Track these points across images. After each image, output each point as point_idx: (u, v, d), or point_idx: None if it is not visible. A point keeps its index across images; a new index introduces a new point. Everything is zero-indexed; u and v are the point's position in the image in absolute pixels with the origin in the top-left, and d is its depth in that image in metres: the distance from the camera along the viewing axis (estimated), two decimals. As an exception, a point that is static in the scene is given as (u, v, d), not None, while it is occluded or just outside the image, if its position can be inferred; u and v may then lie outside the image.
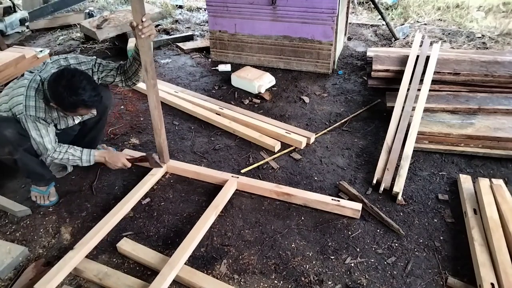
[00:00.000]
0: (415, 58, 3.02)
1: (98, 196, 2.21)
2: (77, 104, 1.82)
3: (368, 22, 4.90)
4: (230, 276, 1.74)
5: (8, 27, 4.31)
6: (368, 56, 3.41)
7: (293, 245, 1.89)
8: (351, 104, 3.10)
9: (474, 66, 2.88)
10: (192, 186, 2.28)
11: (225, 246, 1.89)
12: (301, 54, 3.58)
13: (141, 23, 1.75)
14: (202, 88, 3.40)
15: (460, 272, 1.74)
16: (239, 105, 3.10)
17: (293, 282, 1.71)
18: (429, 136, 2.50)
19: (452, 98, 2.77)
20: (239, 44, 3.73)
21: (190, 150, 2.60)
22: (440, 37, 4.29)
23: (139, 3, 1.73)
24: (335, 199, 2.06)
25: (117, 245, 1.85)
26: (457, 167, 2.37)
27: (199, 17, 5.37)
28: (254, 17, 3.54)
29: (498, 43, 4.10)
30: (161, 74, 3.66)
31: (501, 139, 2.39)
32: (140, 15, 1.74)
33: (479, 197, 2.02)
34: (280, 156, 2.52)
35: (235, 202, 2.15)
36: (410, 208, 2.09)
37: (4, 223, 2.05)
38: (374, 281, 1.70)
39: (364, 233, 1.94)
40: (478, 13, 4.97)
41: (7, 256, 1.79)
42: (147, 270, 1.78)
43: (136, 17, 1.75)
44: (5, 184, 2.30)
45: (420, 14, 5.07)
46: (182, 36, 4.52)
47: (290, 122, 2.88)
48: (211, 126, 2.85)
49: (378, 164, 2.31)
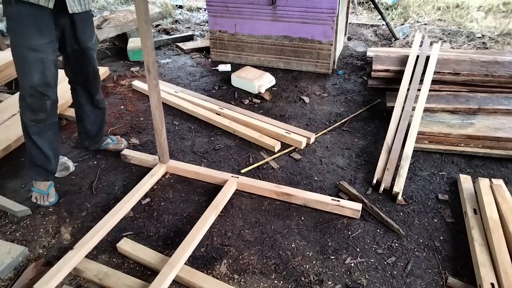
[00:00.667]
0: (415, 58, 3.02)
1: (98, 196, 2.21)
2: None
3: (368, 22, 4.90)
4: (230, 276, 1.74)
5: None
6: (368, 56, 3.42)
7: (293, 245, 1.89)
8: (351, 104, 3.10)
9: (474, 66, 2.88)
10: (192, 186, 2.28)
11: (225, 246, 1.89)
12: (301, 54, 3.58)
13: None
14: (202, 88, 3.40)
15: (460, 272, 1.74)
16: (239, 105, 3.10)
17: (293, 282, 1.71)
18: (429, 136, 2.50)
19: (452, 98, 2.77)
20: (239, 44, 3.73)
21: (190, 150, 2.60)
22: (440, 37, 4.29)
23: (143, 3, 1.73)
24: (335, 199, 2.06)
25: (117, 245, 1.85)
26: (457, 167, 2.38)
27: (199, 17, 5.38)
28: (254, 17, 3.54)
29: (498, 43, 4.11)
30: (161, 74, 3.66)
31: (501, 139, 2.39)
32: (144, 16, 1.75)
33: (479, 197, 2.02)
34: (280, 156, 2.52)
35: (235, 202, 2.15)
36: (410, 208, 2.09)
37: (4, 223, 2.05)
38: (374, 281, 1.70)
39: (364, 233, 1.94)
40: (478, 13, 4.97)
41: (7, 256, 1.79)
42: (147, 270, 1.78)
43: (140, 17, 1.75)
44: (5, 184, 2.29)
45: (420, 14, 5.07)
46: (182, 36, 4.53)
47: (290, 122, 2.88)
48: (211, 126, 2.85)
49: (378, 164, 2.31)
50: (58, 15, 1.84)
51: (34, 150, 2.03)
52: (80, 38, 2.00)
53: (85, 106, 2.30)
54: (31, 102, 1.90)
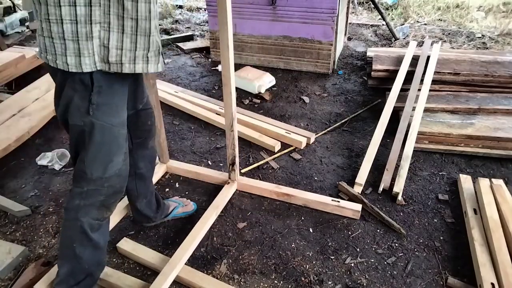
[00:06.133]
0: (410, 59, 3.02)
1: (98, 196, 2.21)
2: None
3: (368, 22, 4.90)
4: (230, 276, 1.74)
5: (8, 27, 4.32)
6: (368, 56, 3.42)
7: (293, 245, 1.89)
8: (351, 104, 3.10)
9: (474, 66, 2.88)
10: (192, 186, 2.28)
11: (225, 246, 1.89)
12: (301, 54, 3.58)
13: None
14: (202, 88, 3.40)
15: (460, 272, 1.74)
16: (239, 105, 3.10)
17: (293, 282, 1.71)
18: (429, 136, 2.50)
19: (452, 98, 2.77)
20: (239, 44, 3.73)
21: (190, 150, 2.60)
22: (440, 37, 4.29)
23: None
24: (335, 200, 2.06)
25: (117, 245, 1.85)
26: (457, 167, 2.37)
27: (199, 17, 5.38)
28: (254, 17, 3.54)
29: (498, 43, 4.11)
30: (161, 74, 3.66)
31: (501, 139, 2.39)
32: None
33: (479, 197, 2.02)
34: (280, 156, 2.52)
35: (235, 202, 2.15)
36: (410, 208, 2.08)
37: (4, 223, 2.04)
38: (374, 281, 1.70)
39: (364, 233, 1.94)
40: (478, 13, 4.97)
41: (7, 256, 1.79)
42: (147, 270, 1.78)
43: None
44: (5, 184, 2.29)
45: (420, 14, 5.07)
46: (182, 36, 4.53)
47: (290, 122, 2.88)
48: (211, 126, 2.85)
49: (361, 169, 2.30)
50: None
51: (88, 254, 1.47)
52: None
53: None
54: (107, 197, 1.40)
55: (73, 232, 1.43)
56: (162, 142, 2.22)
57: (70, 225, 1.43)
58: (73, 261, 1.47)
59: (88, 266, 1.49)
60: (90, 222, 1.42)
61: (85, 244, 1.45)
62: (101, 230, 1.49)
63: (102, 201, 1.40)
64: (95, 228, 1.45)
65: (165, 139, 2.25)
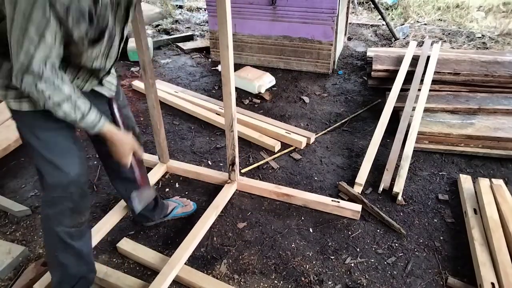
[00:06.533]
0: (410, 59, 3.02)
1: (98, 196, 2.21)
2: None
3: (368, 22, 4.90)
4: (230, 276, 1.74)
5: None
6: (368, 56, 3.42)
7: (293, 245, 1.89)
8: (351, 104, 3.10)
9: (474, 66, 2.88)
10: (192, 186, 2.28)
11: (225, 246, 1.89)
12: (301, 54, 3.58)
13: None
14: (202, 88, 3.40)
15: (460, 272, 1.74)
16: (239, 105, 3.10)
17: (293, 282, 1.71)
18: (429, 136, 2.50)
19: (452, 98, 2.77)
20: (239, 44, 3.73)
21: (190, 150, 2.60)
22: (440, 37, 4.29)
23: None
24: (335, 200, 2.06)
25: (117, 245, 1.85)
26: (457, 167, 2.37)
27: (199, 17, 5.38)
28: (254, 17, 3.54)
29: (498, 43, 4.11)
30: (161, 74, 3.66)
31: (501, 139, 2.39)
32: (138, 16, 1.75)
33: (479, 197, 2.02)
34: (280, 156, 2.52)
35: (235, 202, 2.15)
36: (410, 208, 2.08)
37: (4, 223, 2.04)
38: (374, 281, 1.70)
39: (364, 233, 1.94)
40: (478, 13, 4.97)
41: (7, 256, 1.79)
42: (147, 270, 1.78)
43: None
44: (5, 184, 2.29)
45: (420, 14, 5.08)
46: (182, 36, 4.53)
47: (290, 122, 2.88)
48: (211, 126, 2.85)
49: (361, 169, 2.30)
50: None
51: (73, 261, 1.47)
52: None
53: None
54: (74, 202, 1.36)
55: (52, 241, 1.43)
56: (162, 142, 2.22)
57: (49, 234, 1.42)
58: (60, 269, 1.47)
59: (76, 271, 1.49)
60: (67, 231, 1.40)
61: (67, 251, 1.44)
62: (82, 237, 1.47)
63: (72, 208, 1.37)
64: (76, 236, 1.43)
65: (165, 139, 2.25)
